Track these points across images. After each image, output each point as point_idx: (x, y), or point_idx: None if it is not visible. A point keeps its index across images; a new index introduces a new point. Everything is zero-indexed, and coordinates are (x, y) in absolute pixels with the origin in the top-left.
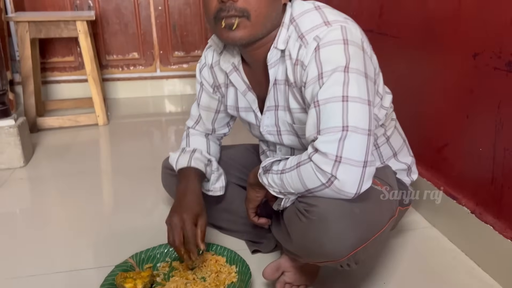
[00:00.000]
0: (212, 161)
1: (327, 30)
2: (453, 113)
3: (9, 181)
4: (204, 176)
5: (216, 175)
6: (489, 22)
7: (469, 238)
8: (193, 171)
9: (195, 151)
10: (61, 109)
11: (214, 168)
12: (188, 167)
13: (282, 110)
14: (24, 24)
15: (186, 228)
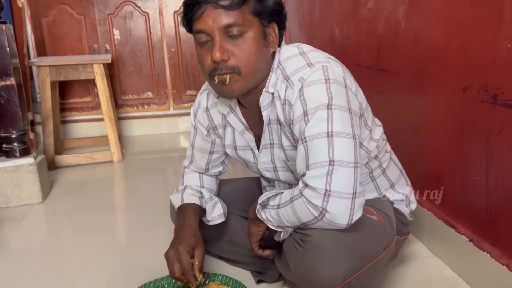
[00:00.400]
0: (203, 192)
1: (311, 71)
2: (447, 144)
3: (28, 216)
4: (201, 208)
5: (210, 205)
6: (475, 58)
7: (469, 266)
8: (188, 207)
9: (186, 187)
10: (79, 147)
11: (207, 198)
12: (183, 204)
13: (277, 148)
14: (45, 68)
15: (182, 260)
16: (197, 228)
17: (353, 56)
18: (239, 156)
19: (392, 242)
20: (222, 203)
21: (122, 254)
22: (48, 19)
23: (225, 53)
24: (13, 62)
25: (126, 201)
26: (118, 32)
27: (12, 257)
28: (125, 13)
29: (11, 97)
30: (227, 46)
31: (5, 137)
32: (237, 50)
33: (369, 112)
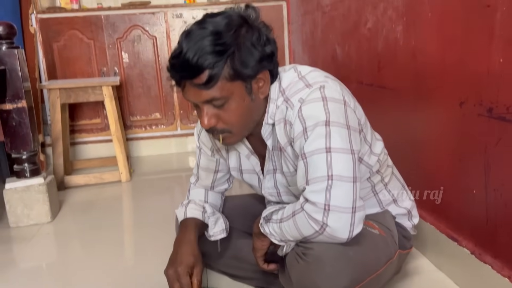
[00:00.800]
0: (205, 207)
1: (309, 91)
2: (447, 158)
3: (37, 235)
4: (203, 223)
5: (213, 220)
6: (470, 73)
7: (471, 279)
8: (190, 221)
9: (189, 202)
10: (88, 168)
11: (209, 213)
12: (185, 218)
13: (279, 173)
14: (55, 91)
15: (181, 281)
16: (195, 244)
17: (354, 74)
18: (245, 179)
19: (394, 255)
20: (225, 218)
21: (130, 272)
22: (59, 44)
23: (212, 120)
24: (24, 85)
25: (134, 219)
26: (127, 55)
27: (22, 277)
28: (134, 37)
29: (22, 119)
30: (214, 112)
31: (16, 158)
32: (224, 114)
33: (367, 127)
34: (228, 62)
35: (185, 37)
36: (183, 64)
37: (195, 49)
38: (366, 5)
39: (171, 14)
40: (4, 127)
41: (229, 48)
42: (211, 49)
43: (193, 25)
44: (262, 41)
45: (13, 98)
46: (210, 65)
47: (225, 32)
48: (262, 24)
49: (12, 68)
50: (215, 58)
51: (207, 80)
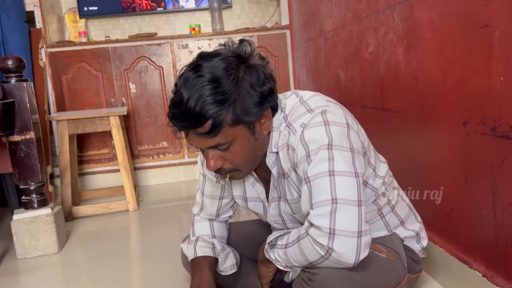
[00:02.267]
0: (215, 244)
1: (310, 116)
2: (454, 178)
3: (44, 266)
4: (215, 259)
5: (223, 256)
6: (472, 92)
7: None
8: (203, 260)
9: (198, 239)
10: (96, 198)
11: (219, 249)
12: (196, 257)
13: (283, 201)
14: (63, 122)
15: None
16: (213, 283)
17: (358, 98)
18: (249, 207)
19: (403, 280)
20: (235, 252)
21: None
22: (67, 77)
23: (218, 162)
24: (33, 117)
25: (141, 249)
26: (134, 86)
27: None
28: (140, 68)
29: (30, 150)
30: (219, 154)
31: (24, 189)
32: (229, 156)
33: (371, 150)
34: (230, 109)
35: (184, 85)
36: (185, 114)
37: (195, 98)
38: (367, 29)
39: (177, 45)
40: (12, 159)
41: (230, 96)
42: (212, 99)
43: (190, 71)
44: (261, 80)
45: (22, 130)
46: (213, 115)
47: (224, 79)
48: (258, 58)
49: (21, 100)
50: (217, 107)
51: (210, 129)
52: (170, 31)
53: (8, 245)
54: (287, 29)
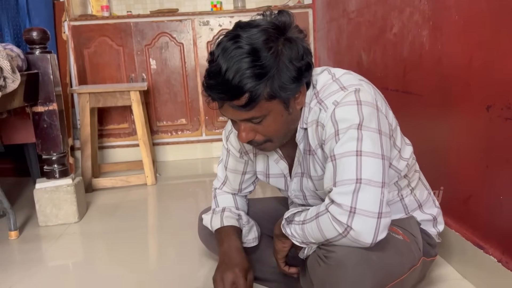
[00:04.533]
0: (241, 215)
1: (344, 94)
2: (474, 164)
3: (64, 234)
4: (240, 230)
5: (247, 228)
6: (497, 76)
7: (498, 287)
8: (230, 230)
9: (224, 209)
10: (115, 171)
11: (245, 221)
12: (223, 226)
13: (306, 177)
14: (85, 95)
15: (239, 281)
16: (243, 251)
17: (380, 80)
18: (271, 183)
19: (418, 262)
20: (257, 226)
21: (153, 272)
22: (89, 51)
23: (250, 134)
24: (56, 89)
25: (159, 222)
26: (154, 62)
27: (49, 274)
28: (161, 44)
29: (53, 121)
30: (251, 126)
31: (46, 159)
32: (261, 128)
33: (397, 132)
34: (267, 84)
35: (222, 55)
36: (222, 85)
37: (234, 70)
38: (392, 10)
39: (198, 22)
40: (36, 129)
41: (269, 71)
42: (251, 73)
43: (228, 40)
44: (300, 55)
45: (45, 101)
46: (250, 88)
47: (264, 52)
48: (296, 30)
49: (45, 72)
50: (255, 81)
51: (246, 102)
52: (192, 7)
53: (30, 213)
54: (310, 8)
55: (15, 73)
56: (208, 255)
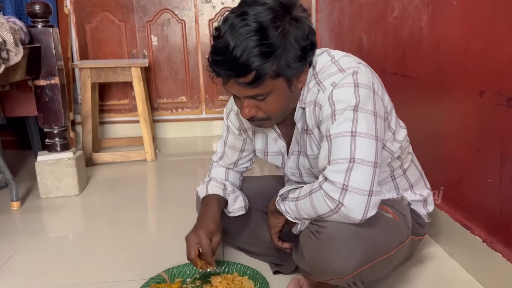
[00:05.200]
0: (226, 185)
1: (342, 76)
2: (465, 147)
3: (65, 206)
4: (224, 199)
5: (233, 197)
6: (492, 62)
7: (482, 266)
8: (212, 197)
9: (211, 179)
10: (115, 147)
11: (230, 190)
12: (207, 195)
13: (303, 155)
14: (86, 70)
15: (202, 242)
16: (218, 216)
17: (379, 63)
18: (269, 160)
19: (406, 240)
20: (244, 196)
21: (151, 243)
22: (91, 25)
23: (252, 110)
24: (58, 63)
25: (157, 197)
26: (156, 39)
27: (50, 244)
28: (163, 20)
29: (54, 95)
30: (254, 103)
31: (48, 133)
32: (264, 105)
33: (392, 115)
34: (274, 63)
35: (230, 31)
36: (229, 62)
37: (242, 48)
38: None
39: None
40: (37, 102)
41: (276, 50)
42: (258, 51)
43: (236, 17)
44: (305, 34)
45: (47, 75)
46: (257, 67)
47: (271, 30)
48: (301, 9)
49: (47, 46)
50: (262, 60)
51: (252, 80)
52: None
53: (31, 185)
54: None
55: (18, 46)
56: None
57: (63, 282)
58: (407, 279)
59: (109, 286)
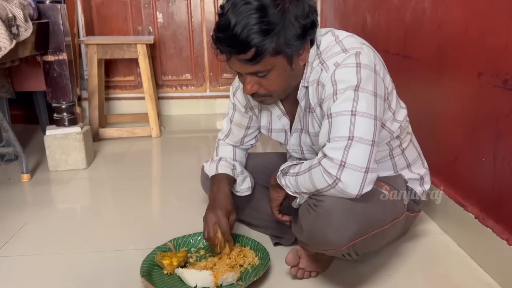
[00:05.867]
0: (236, 166)
1: (345, 56)
2: (462, 127)
3: (73, 179)
4: (233, 179)
5: (241, 178)
6: (490, 44)
7: (473, 241)
8: (222, 176)
9: (221, 159)
10: (121, 123)
11: (239, 171)
12: (217, 174)
13: (305, 133)
14: (93, 46)
15: (221, 222)
16: (231, 196)
17: (382, 43)
18: (273, 137)
19: (401, 216)
20: (251, 177)
21: (156, 215)
22: (97, 1)
23: (254, 87)
24: (65, 39)
25: (162, 172)
26: (161, 16)
27: (59, 215)
28: None
29: (62, 71)
30: (256, 80)
31: (56, 108)
32: (265, 82)
33: (393, 95)
34: (273, 40)
35: (232, 10)
36: (230, 39)
37: (242, 25)
38: None
39: None
40: (46, 78)
41: (275, 27)
42: (258, 28)
43: None
44: (305, 13)
45: (55, 51)
46: (256, 43)
47: (271, 8)
48: None
49: (55, 21)
50: (261, 37)
51: (252, 57)
52: None
53: (40, 159)
54: None
55: (27, 22)
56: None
57: (73, 250)
58: (401, 252)
59: (117, 254)
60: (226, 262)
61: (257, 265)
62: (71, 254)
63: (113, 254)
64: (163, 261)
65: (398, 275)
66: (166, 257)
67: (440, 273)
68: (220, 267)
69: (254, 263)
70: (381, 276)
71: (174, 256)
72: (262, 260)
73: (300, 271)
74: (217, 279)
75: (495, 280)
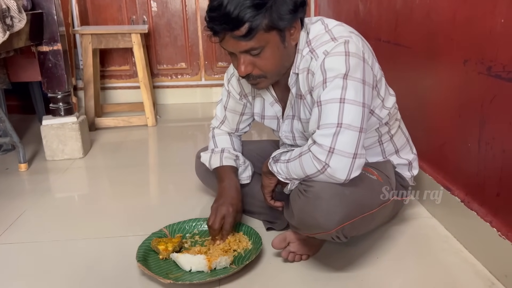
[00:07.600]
0: (239, 156)
1: (334, 45)
2: (449, 113)
3: (70, 168)
4: (237, 169)
5: (243, 167)
6: (475, 32)
7: (459, 224)
8: (229, 169)
9: (223, 150)
10: (116, 112)
11: (241, 162)
12: (222, 166)
13: (296, 119)
14: (87, 36)
15: (228, 219)
16: (240, 189)
17: (374, 31)
18: (265, 124)
19: (389, 201)
20: (252, 166)
21: (152, 202)
22: None
23: (248, 67)
24: (60, 29)
25: (158, 161)
26: (155, 5)
27: (57, 204)
28: None
29: (57, 61)
30: (250, 60)
31: (52, 98)
32: (259, 61)
33: (382, 83)
34: (266, 15)
35: None
36: (223, 17)
37: (235, 2)
38: None
39: None
40: (41, 68)
41: (267, 1)
42: (250, 3)
43: None
44: None
45: (50, 41)
46: (249, 18)
47: None
48: None
49: (49, 12)
50: (254, 11)
51: (246, 32)
52: None
53: (37, 148)
54: None
55: (21, 12)
56: (204, 190)
57: (71, 237)
58: (390, 235)
59: (114, 240)
60: (220, 247)
61: (250, 249)
62: (69, 241)
63: (110, 240)
64: (159, 246)
65: (387, 257)
66: (162, 243)
67: (427, 255)
68: (214, 252)
69: (247, 247)
70: (370, 258)
71: (169, 242)
72: (255, 245)
73: (291, 254)
74: (211, 263)
75: (479, 261)
